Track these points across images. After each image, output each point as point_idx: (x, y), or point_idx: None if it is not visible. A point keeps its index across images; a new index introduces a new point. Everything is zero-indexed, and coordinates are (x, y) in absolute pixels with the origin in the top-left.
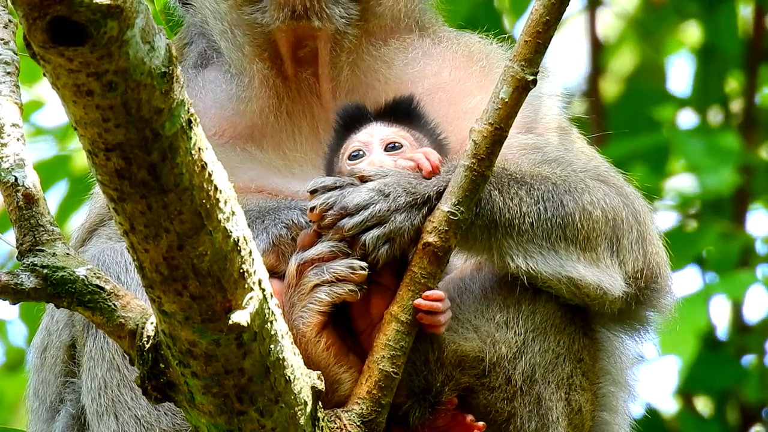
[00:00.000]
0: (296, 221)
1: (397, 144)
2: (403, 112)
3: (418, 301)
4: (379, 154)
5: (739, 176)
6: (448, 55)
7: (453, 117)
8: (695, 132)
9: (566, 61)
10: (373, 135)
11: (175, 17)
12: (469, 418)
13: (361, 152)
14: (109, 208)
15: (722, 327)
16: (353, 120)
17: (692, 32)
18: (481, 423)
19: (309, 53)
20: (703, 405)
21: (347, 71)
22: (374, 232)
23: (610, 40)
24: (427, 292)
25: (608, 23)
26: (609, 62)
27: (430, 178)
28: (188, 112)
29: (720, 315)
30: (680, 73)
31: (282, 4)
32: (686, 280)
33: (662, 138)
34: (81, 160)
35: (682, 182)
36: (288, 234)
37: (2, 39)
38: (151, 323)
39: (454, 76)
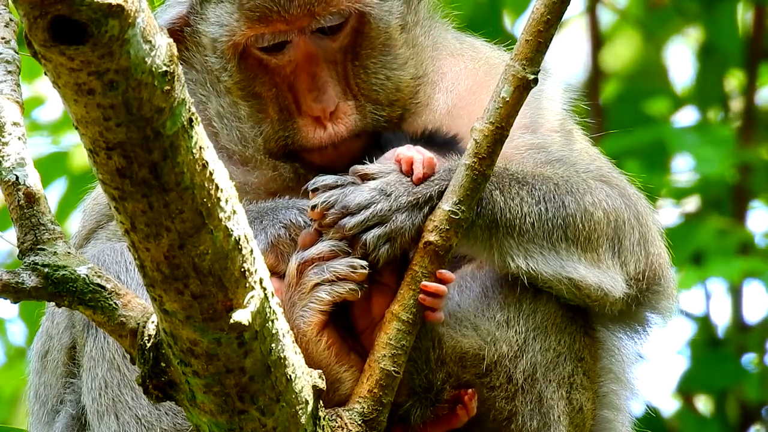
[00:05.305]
0: (294, 221)
1: None
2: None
3: (426, 283)
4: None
5: (735, 169)
6: (469, 70)
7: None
8: (692, 128)
9: (566, 59)
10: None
11: None
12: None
13: None
14: (110, 207)
15: (722, 326)
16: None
17: (692, 31)
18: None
19: None
20: (703, 404)
21: None
22: (375, 232)
23: (609, 37)
24: (440, 272)
25: (608, 22)
26: (607, 58)
27: (416, 183)
28: (189, 111)
29: (720, 313)
30: (680, 72)
31: (325, 160)
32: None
33: (658, 132)
34: (79, 156)
35: (679, 177)
36: (286, 233)
37: (3, 38)
38: (152, 322)
39: (474, 91)
